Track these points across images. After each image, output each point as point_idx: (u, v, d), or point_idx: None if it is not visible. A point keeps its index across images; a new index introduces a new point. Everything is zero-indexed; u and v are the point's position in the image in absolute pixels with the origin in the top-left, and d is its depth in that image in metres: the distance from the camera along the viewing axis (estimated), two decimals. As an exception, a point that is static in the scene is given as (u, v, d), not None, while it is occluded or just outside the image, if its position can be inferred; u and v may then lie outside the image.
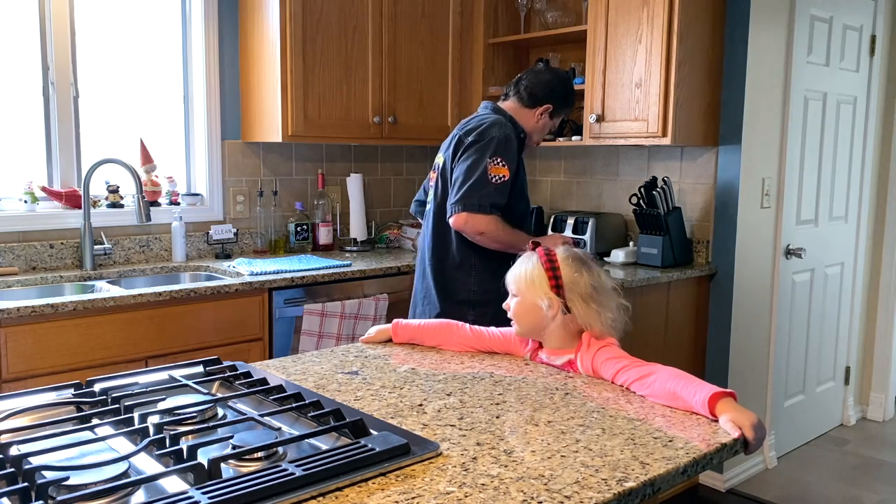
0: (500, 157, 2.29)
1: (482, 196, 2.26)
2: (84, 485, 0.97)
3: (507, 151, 2.31)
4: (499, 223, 2.29)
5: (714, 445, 1.21)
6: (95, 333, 2.42)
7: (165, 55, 3.28)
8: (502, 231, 2.30)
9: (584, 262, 1.66)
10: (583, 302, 1.61)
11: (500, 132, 2.33)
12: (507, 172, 2.28)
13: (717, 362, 3.25)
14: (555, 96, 2.52)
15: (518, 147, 2.41)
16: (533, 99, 2.50)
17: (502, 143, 2.32)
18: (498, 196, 2.28)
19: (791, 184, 3.41)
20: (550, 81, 2.52)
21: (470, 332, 1.80)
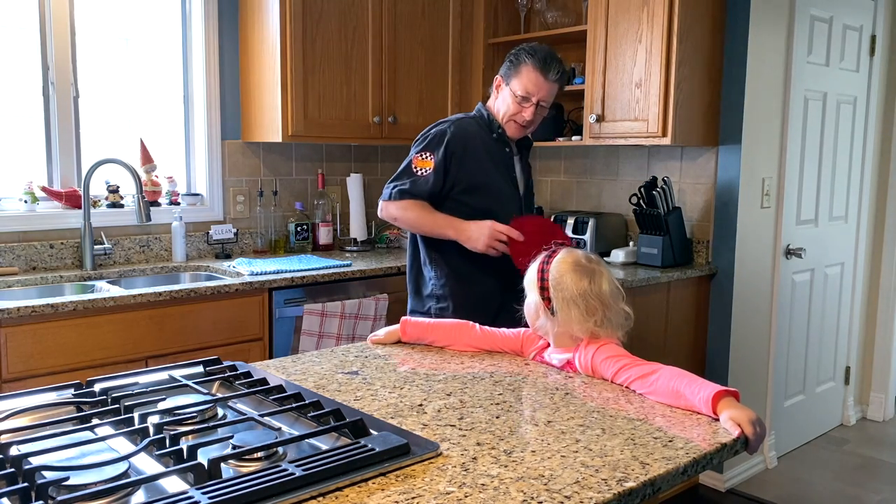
0: (428, 151, 2.30)
1: (395, 185, 2.31)
2: (84, 485, 0.96)
3: (438, 145, 2.28)
4: (410, 209, 2.29)
5: (714, 445, 1.21)
6: (95, 333, 2.42)
7: (165, 55, 3.28)
8: (416, 216, 2.29)
9: (580, 265, 1.62)
10: (564, 305, 1.59)
11: (438, 128, 2.33)
12: (431, 164, 2.28)
13: (717, 362, 3.25)
14: (504, 67, 2.39)
15: (491, 141, 2.36)
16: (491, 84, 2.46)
17: (435, 137, 2.31)
18: (416, 186, 2.28)
19: (791, 184, 3.41)
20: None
21: (480, 332, 1.80)
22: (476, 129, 2.36)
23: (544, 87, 2.30)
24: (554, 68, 2.30)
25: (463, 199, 2.30)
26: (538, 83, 2.29)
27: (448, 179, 2.29)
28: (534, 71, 2.29)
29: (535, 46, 2.33)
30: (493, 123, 2.37)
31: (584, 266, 1.62)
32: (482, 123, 2.38)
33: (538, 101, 2.31)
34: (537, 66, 2.28)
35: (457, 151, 2.29)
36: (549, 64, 2.29)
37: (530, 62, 2.29)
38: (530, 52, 2.31)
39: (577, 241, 3.36)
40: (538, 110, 2.33)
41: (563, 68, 2.33)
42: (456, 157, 2.29)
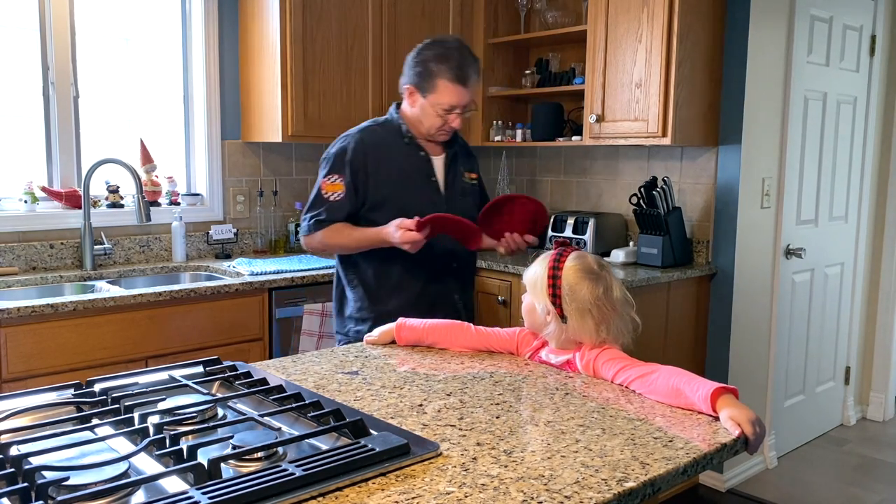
0: (334, 173, 2.20)
1: (312, 217, 2.22)
2: (84, 485, 0.96)
3: (342, 165, 2.18)
4: (334, 235, 2.20)
5: (714, 445, 1.21)
6: (95, 333, 2.42)
7: (165, 55, 3.28)
8: (342, 239, 2.20)
9: (592, 272, 1.60)
10: (579, 315, 1.57)
11: (339, 145, 2.22)
12: (341, 187, 2.18)
13: (717, 362, 3.25)
14: (408, 73, 2.21)
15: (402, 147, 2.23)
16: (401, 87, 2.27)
17: (337, 157, 2.20)
18: (332, 213, 2.19)
19: (791, 184, 3.41)
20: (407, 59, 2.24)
21: (475, 333, 1.80)
22: (383, 136, 2.24)
23: (466, 96, 2.16)
24: (471, 73, 2.15)
25: (370, 216, 2.20)
26: (459, 95, 2.14)
27: (359, 197, 2.20)
28: (451, 84, 2.13)
29: (443, 52, 2.14)
30: (403, 129, 2.24)
31: (598, 273, 1.60)
32: (390, 129, 2.25)
33: (462, 109, 2.18)
34: (454, 79, 2.12)
35: (361, 167, 2.19)
36: (465, 70, 2.13)
37: (445, 77, 2.12)
38: (441, 60, 2.13)
39: (577, 242, 3.36)
40: (465, 114, 2.21)
41: (477, 65, 2.18)
42: (362, 173, 2.19)
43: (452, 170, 2.30)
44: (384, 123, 2.28)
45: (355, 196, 2.19)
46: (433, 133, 2.22)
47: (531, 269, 1.67)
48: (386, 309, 2.23)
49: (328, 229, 2.21)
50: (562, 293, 1.58)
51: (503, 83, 3.81)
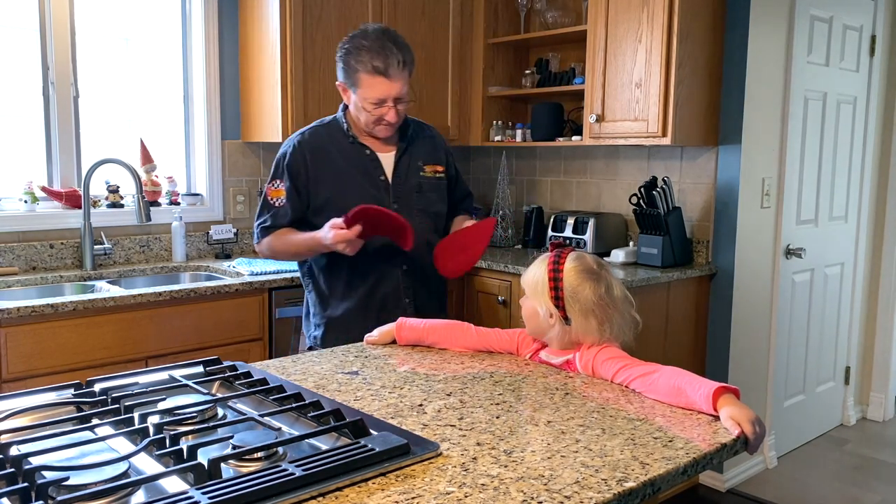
0: (275, 178, 2.18)
1: (259, 224, 2.21)
2: (84, 485, 0.96)
3: (282, 170, 2.17)
4: (279, 241, 2.18)
5: (714, 445, 1.21)
6: (95, 333, 2.42)
7: (165, 55, 3.28)
8: (286, 245, 2.17)
9: (593, 272, 1.60)
10: (582, 316, 1.58)
11: (281, 150, 2.20)
12: (283, 192, 2.16)
13: (717, 362, 3.25)
14: (337, 69, 2.13)
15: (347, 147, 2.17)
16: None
17: (278, 162, 2.19)
18: (277, 219, 2.17)
19: (791, 184, 3.41)
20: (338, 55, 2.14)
21: (475, 333, 1.80)
22: (326, 137, 2.19)
23: (393, 87, 2.06)
24: (392, 62, 2.03)
25: (314, 220, 2.15)
26: (384, 87, 2.05)
27: (302, 201, 2.17)
28: (372, 77, 2.04)
29: (361, 44, 2.04)
30: (345, 128, 2.19)
31: (598, 273, 1.61)
32: (334, 129, 2.20)
33: (394, 101, 2.08)
34: (374, 71, 2.03)
35: (301, 171, 2.15)
36: (386, 60, 2.02)
37: (364, 70, 2.04)
38: (359, 53, 2.04)
39: (577, 242, 3.36)
40: (398, 106, 2.10)
41: (402, 55, 2.04)
42: (302, 177, 2.15)
43: (404, 165, 2.21)
44: (329, 124, 2.23)
45: (297, 200, 2.16)
46: (371, 129, 2.14)
47: (530, 273, 1.66)
48: (335, 314, 2.22)
49: (274, 235, 2.18)
50: (564, 295, 1.58)
51: (503, 83, 3.81)
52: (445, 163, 2.31)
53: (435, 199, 2.25)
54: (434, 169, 2.27)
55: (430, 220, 2.24)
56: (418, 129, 2.30)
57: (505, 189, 3.81)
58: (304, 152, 2.16)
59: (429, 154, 2.27)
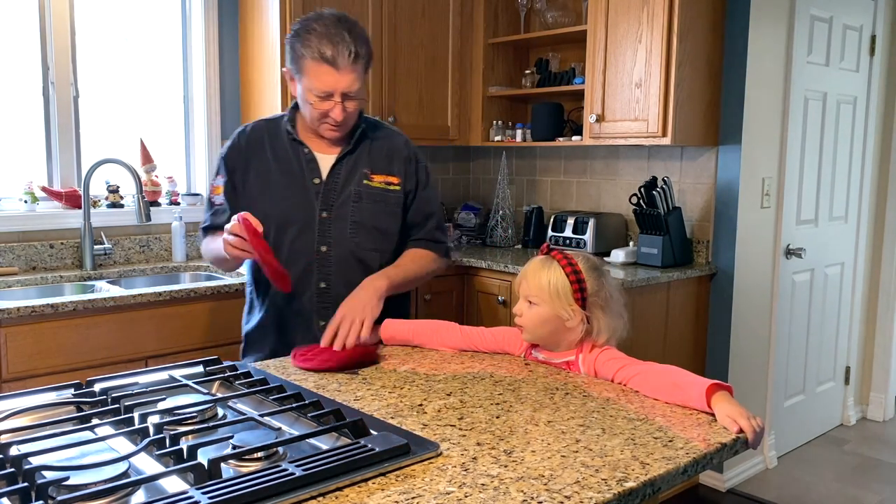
0: (217, 174, 2.01)
1: (202, 224, 2.03)
2: (84, 485, 0.96)
3: (219, 165, 2.00)
4: (204, 245, 2.03)
5: (714, 445, 1.21)
6: (95, 333, 2.42)
7: (165, 55, 3.28)
8: (208, 250, 2.00)
9: (600, 269, 1.64)
10: (602, 313, 1.60)
11: (225, 146, 2.02)
12: (221, 189, 1.97)
13: (717, 362, 3.25)
14: (287, 55, 1.88)
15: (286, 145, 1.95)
16: None
17: (220, 158, 2.02)
18: (216, 218, 1.98)
19: (791, 184, 3.41)
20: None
21: (460, 333, 1.80)
22: (266, 132, 1.98)
23: (341, 80, 1.79)
24: (343, 52, 1.77)
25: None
26: (329, 78, 1.79)
27: (239, 199, 1.94)
28: (318, 64, 1.78)
29: (313, 26, 1.79)
30: (290, 122, 1.96)
31: (603, 270, 1.65)
32: (277, 124, 1.99)
33: (342, 96, 1.82)
34: (320, 58, 1.77)
35: (238, 166, 1.96)
36: (337, 48, 1.77)
37: (311, 56, 1.78)
38: (309, 36, 1.78)
39: (577, 242, 3.37)
40: (347, 103, 1.83)
41: (355, 46, 1.78)
42: (239, 172, 1.96)
43: (344, 170, 1.93)
44: (276, 119, 2.03)
45: (234, 198, 1.95)
46: (315, 126, 1.89)
47: (541, 279, 1.60)
48: (247, 329, 2.04)
49: (207, 238, 2.00)
50: (588, 295, 1.59)
51: (503, 83, 3.81)
52: (404, 174, 1.99)
53: (378, 211, 1.94)
54: (386, 179, 1.97)
55: (369, 235, 1.93)
56: (377, 132, 2.02)
57: (505, 189, 3.81)
58: (241, 146, 1.98)
59: (382, 162, 1.98)
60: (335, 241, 1.90)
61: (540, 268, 1.62)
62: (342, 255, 1.90)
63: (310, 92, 1.82)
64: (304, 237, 1.89)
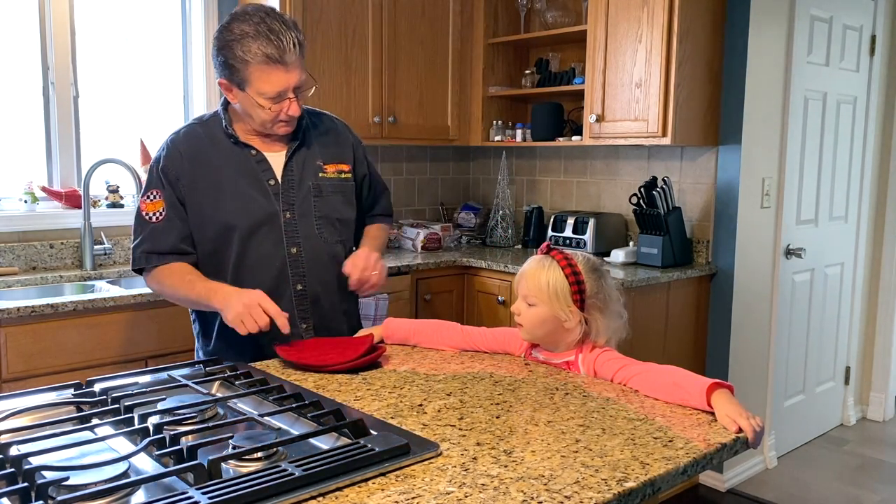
0: (150, 188, 1.80)
1: (135, 247, 1.81)
2: (84, 485, 0.96)
3: (156, 177, 1.81)
4: (166, 278, 1.78)
5: (714, 445, 1.21)
6: (95, 333, 2.42)
7: (165, 55, 3.28)
8: (172, 286, 1.78)
9: (599, 270, 1.64)
10: (600, 314, 1.60)
11: (156, 155, 1.85)
12: (162, 203, 1.78)
13: (717, 362, 3.25)
14: (214, 64, 1.74)
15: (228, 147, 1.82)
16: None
17: (152, 169, 1.83)
18: (157, 238, 1.78)
19: (791, 184, 3.41)
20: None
21: (461, 333, 1.80)
22: (205, 138, 1.83)
23: (292, 76, 1.70)
24: (287, 46, 1.67)
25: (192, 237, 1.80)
26: (281, 78, 1.69)
27: (189, 212, 1.79)
28: (267, 67, 1.67)
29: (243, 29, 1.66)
30: (227, 125, 1.83)
31: (602, 271, 1.65)
32: (214, 127, 1.84)
33: (294, 91, 1.73)
34: (268, 60, 1.66)
35: (181, 176, 1.79)
36: (280, 45, 1.66)
37: (255, 61, 1.67)
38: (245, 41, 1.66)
39: (577, 242, 3.37)
40: (298, 97, 1.75)
41: (294, 35, 1.69)
42: (182, 184, 1.79)
43: (297, 166, 1.85)
44: (208, 121, 1.87)
45: (183, 211, 1.79)
46: (269, 127, 1.79)
47: (540, 279, 1.60)
48: (208, 348, 1.89)
49: (161, 269, 1.78)
50: (587, 296, 1.59)
51: (503, 83, 3.81)
52: (353, 159, 1.96)
53: (339, 203, 1.90)
54: (338, 168, 1.91)
55: (333, 228, 1.89)
56: (316, 120, 1.94)
57: (505, 189, 3.81)
58: (179, 155, 1.81)
59: (331, 151, 1.92)
60: (304, 241, 1.83)
61: (539, 268, 1.62)
62: (312, 253, 1.84)
63: (262, 97, 1.71)
64: (271, 241, 1.81)
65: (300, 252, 1.83)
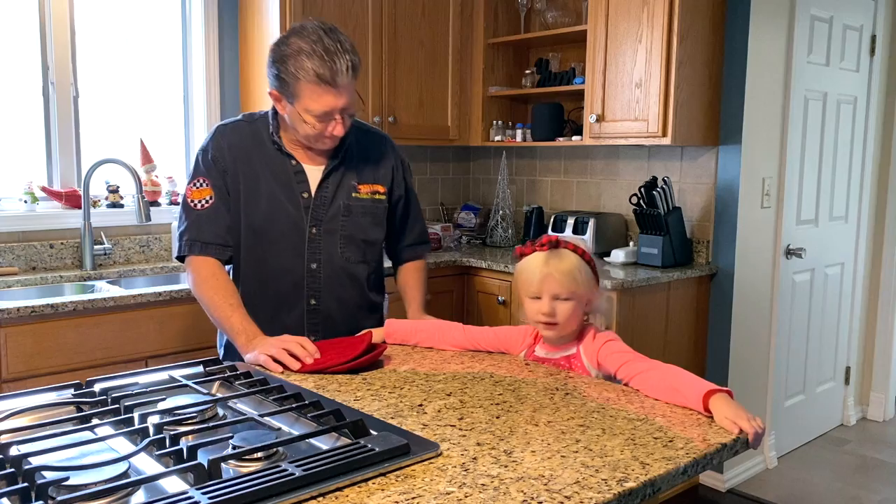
0: (197, 176, 1.82)
1: (181, 234, 1.82)
2: (84, 485, 0.96)
3: (207, 165, 1.82)
4: (203, 282, 1.79)
5: (714, 445, 1.21)
6: (95, 333, 2.42)
7: (165, 55, 3.28)
8: (208, 294, 1.78)
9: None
10: (600, 294, 1.67)
11: (203, 144, 1.87)
12: (209, 191, 1.80)
13: (717, 362, 3.25)
14: (268, 74, 1.76)
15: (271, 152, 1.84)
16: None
17: (199, 158, 1.84)
18: (203, 226, 1.79)
19: (791, 184, 3.41)
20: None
21: (463, 333, 1.80)
22: (248, 136, 1.85)
23: (340, 98, 1.71)
24: (341, 69, 1.68)
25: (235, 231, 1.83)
26: (329, 99, 1.70)
27: (233, 203, 1.81)
28: (317, 87, 1.68)
29: (301, 47, 1.67)
30: (274, 131, 1.84)
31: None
32: (261, 129, 1.86)
33: (341, 112, 1.74)
34: (319, 80, 1.67)
35: (228, 169, 1.81)
36: (334, 66, 1.67)
37: (308, 79, 1.67)
38: (300, 58, 1.67)
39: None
40: (345, 118, 1.76)
41: (350, 59, 1.69)
42: (229, 176, 1.81)
43: (333, 184, 1.86)
44: (256, 121, 1.88)
45: (230, 201, 1.81)
46: (311, 142, 1.80)
47: (572, 272, 1.58)
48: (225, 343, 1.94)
49: (200, 262, 1.79)
50: (598, 277, 1.67)
51: (503, 83, 3.81)
52: (391, 182, 1.96)
53: (367, 224, 1.90)
54: (373, 189, 1.91)
55: (357, 248, 1.89)
56: (362, 137, 1.94)
57: (505, 189, 3.81)
58: (225, 147, 1.83)
59: (369, 171, 1.92)
60: (325, 258, 1.85)
61: (560, 261, 1.60)
62: (332, 271, 1.86)
63: (307, 114, 1.72)
64: (293, 254, 1.83)
65: (319, 268, 1.85)
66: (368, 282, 1.96)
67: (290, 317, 1.85)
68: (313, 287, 1.85)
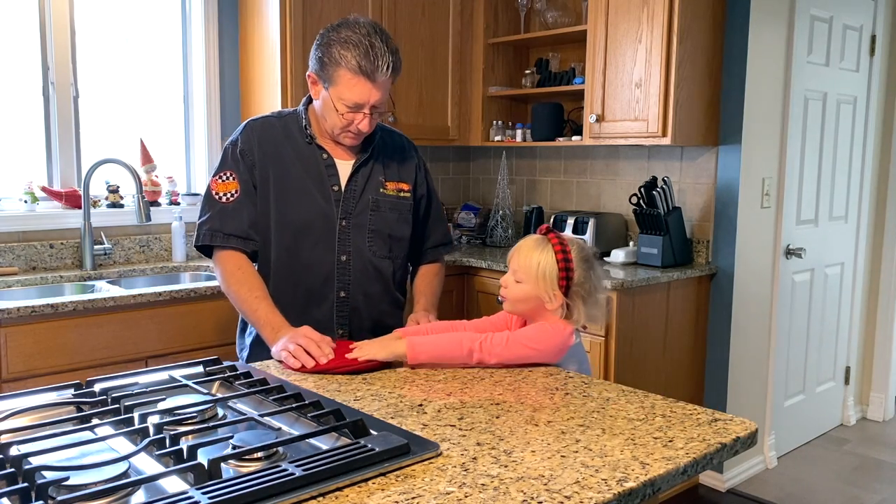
0: (223, 169, 1.85)
1: (201, 223, 1.85)
2: (84, 485, 0.96)
3: (235, 158, 1.85)
4: (229, 274, 1.82)
5: (714, 445, 1.21)
6: (95, 333, 2.42)
7: (165, 55, 3.28)
8: (234, 285, 1.81)
9: (591, 262, 1.68)
10: (582, 302, 1.66)
11: (232, 138, 1.90)
12: (236, 184, 1.83)
13: (717, 362, 3.25)
14: (311, 57, 1.81)
15: (302, 146, 1.87)
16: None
17: (227, 151, 1.87)
18: (227, 219, 1.82)
19: (791, 184, 3.41)
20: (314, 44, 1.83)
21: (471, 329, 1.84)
22: (280, 131, 1.89)
23: (374, 93, 1.76)
24: (381, 65, 1.73)
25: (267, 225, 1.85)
26: (365, 90, 1.75)
27: (260, 197, 1.84)
28: (354, 76, 1.73)
29: (349, 36, 1.73)
30: (306, 125, 1.89)
31: (594, 261, 1.70)
32: (291, 123, 1.90)
33: (371, 108, 1.78)
34: (358, 70, 1.72)
35: (256, 163, 1.84)
36: (375, 61, 1.72)
37: (349, 67, 1.72)
38: (346, 46, 1.72)
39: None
40: (374, 115, 1.80)
41: (391, 58, 1.75)
42: (257, 171, 1.84)
43: (362, 178, 1.90)
44: (286, 116, 1.93)
45: (255, 196, 1.85)
46: (336, 134, 1.83)
47: (531, 259, 1.65)
48: (250, 340, 1.98)
49: (226, 255, 1.83)
50: (573, 284, 1.64)
51: (503, 83, 3.81)
52: (414, 181, 2.00)
53: (393, 220, 1.94)
54: (398, 186, 1.96)
55: (384, 243, 1.93)
56: (387, 137, 2.00)
57: (505, 189, 3.81)
58: (255, 141, 1.86)
59: (395, 169, 1.97)
60: (354, 250, 1.88)
61: (534, 247, 1.66)
62: (360, 264, 1.89)
63: (340, 102, 1.77)
64: (324, 246, 1.86)
65: (349, 261, 1.88)
66: (394, 279, 1.98)
67: (321, 310, 1.88)
68: (343, 279, 1.88)
